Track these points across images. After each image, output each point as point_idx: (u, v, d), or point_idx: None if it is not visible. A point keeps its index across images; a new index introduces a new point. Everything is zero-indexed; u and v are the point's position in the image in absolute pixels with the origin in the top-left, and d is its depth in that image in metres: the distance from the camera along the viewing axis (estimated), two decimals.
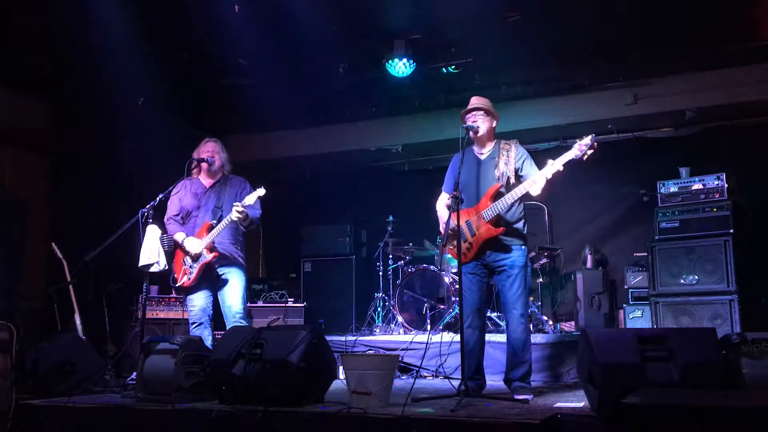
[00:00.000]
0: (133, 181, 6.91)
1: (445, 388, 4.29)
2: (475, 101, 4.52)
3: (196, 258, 4.89)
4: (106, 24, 5.45)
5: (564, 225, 7.71)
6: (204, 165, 5.08)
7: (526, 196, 4.31)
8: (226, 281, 4.96)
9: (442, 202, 4.63)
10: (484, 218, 4.29)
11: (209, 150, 5.09)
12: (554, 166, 4.17)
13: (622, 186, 7.44)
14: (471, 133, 4.36)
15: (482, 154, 4.49)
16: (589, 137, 4.14)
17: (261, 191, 4.87)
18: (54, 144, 7.10)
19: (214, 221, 4.93)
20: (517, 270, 4.30)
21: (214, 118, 7.67)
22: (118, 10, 5.33)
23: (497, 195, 4.30)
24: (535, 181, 4.19)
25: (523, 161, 4.40)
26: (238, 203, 4.78)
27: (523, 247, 4.38)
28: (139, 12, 5.41)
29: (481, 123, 4.41)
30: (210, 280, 4.97)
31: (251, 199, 4.83)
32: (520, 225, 4.41)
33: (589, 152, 4.14)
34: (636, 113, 7.07)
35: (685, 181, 6.10)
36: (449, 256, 4.94)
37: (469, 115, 4.45)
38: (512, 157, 4.37)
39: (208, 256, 4.86)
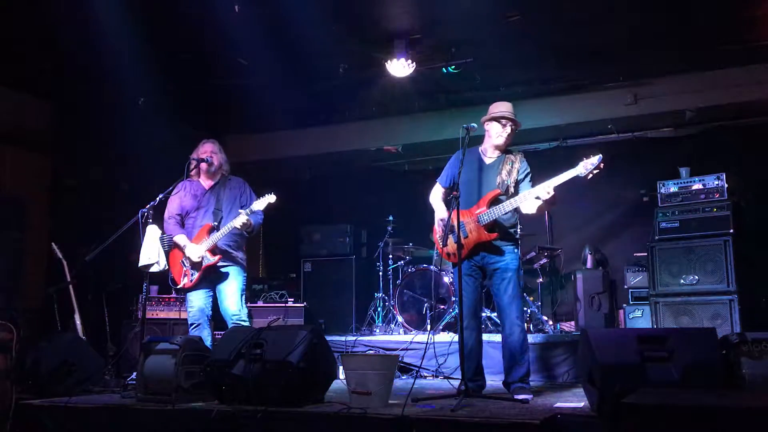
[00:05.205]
0: (133, 181, 6.91)
1: (445, 388, 4.29)
2: (507, 108, 4.42)
3: (198, 263, 4.86)
4: (106, 24, 5.45)
5: (564, 225, 7.70)
6: (203, 166, 5.06)
7: (519, 211, 4.31)
8: (225, 283, 4.94)
9: (437, 195, 4.64)
10: (479, 222, 4.29)
11: (207, 150, 5.07)
12: (555, 182, 4.11)
13: (622, 186, 7.42)
14: (495, 137, 4.35)
15: (489, 158, 4.47)
16: (597, 157, 4.06)
17: (271, 198, 4.81)
18: (54, 144, 7.10)
19: (215, 223, 4.92)
20: (510, 273, 4.30)
21: (214, 118, 7.67)
22: (118, 10, 5.32)
23: (495, 201, 4.30)
24: (528, 198, 4.17)
25: (526, 176, 4.39)
26: (242, 210, 4.76)
27: (515, 250, 4.39)
28: (139, 12, 5.41)
29: (510, 135, 4.39)
30: (210, 281, 4.95)
31: (260, 205, 4.81)
32: (513, 229, 4.43)
33: (595, 172, 4.10)
34: (636, 113, 7.09)
35: (685, 181, 6.09)
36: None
37: (504, 121, 4.38)
38: (516, 169, 4.37)
39: (213, 259, 4.83)
